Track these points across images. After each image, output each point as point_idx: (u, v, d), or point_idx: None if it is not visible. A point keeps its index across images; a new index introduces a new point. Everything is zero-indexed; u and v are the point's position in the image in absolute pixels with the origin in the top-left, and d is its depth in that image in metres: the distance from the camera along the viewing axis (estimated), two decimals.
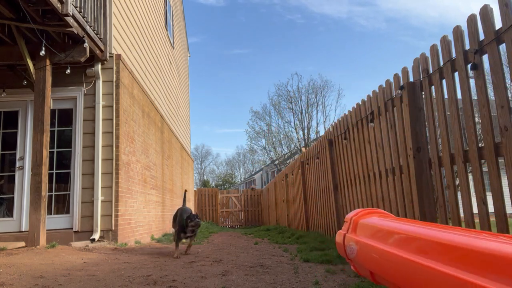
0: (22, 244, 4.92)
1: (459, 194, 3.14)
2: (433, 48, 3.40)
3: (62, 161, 6.06)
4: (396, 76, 4.02)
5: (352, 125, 5.34)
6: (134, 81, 7.22)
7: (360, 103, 5.04)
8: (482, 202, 2.79)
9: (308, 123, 27.42)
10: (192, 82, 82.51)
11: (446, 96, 3.26)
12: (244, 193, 20.16)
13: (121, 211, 6.02)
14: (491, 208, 2.72)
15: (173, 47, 13.27)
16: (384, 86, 4.31)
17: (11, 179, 5.93)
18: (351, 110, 5.39)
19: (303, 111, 27.54)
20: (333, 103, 60.17)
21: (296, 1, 74.04)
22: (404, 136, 3.80)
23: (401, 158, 3.91)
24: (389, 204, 4.24)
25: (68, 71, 5.74)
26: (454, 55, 3.10)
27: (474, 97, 3.01)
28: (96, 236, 5.58)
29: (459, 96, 3.12)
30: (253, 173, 51.67)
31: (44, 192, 5.06)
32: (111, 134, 6.03)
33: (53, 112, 6.01)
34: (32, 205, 4.96)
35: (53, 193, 5.90)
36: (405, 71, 3.86)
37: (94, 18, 5.75)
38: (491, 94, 2.82)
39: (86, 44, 5.39)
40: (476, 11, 2.86)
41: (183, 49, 16.64)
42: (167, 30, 12.09)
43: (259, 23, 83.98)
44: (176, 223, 5.09)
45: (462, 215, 3.06)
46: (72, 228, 5.70)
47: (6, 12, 4.70)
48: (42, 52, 5.06)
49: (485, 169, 2.82)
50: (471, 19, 2.87)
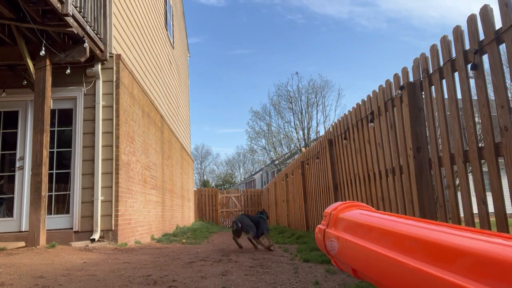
0: (22, 244, 4.93)
1: (459, 194, 3.14)
2: (433, 48, 3.40)
3: (62, 161, 6.06)
4: (396, 76, 4.02)
5: (352, 125, 5.34)
6: (134, 81, 7.22)
7: (360, 103, 5.04)
8: (482, 202, 2.79)
9: (308, 123, 27.43)
10: (193, 82, 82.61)
11: (446, 96, 3.26)
12: (244, 193, 20.16)
13: (121, 211, 6.02)
14: (491, 208, 2.72)
15: (173, 47, 13.27)
16: (384, 86, 4.31)
17: (11, 179, 5.93)
18: (351, 110, 5.39)
19: (303, 111, 27.55)
20: (333, 103, 60.23)
21: (297, 1, 74.11)
22: (404, 136, 3.80)
23: (401, 158, 3.91)
24: (389, 204, 4.24)
25: (68, 71, 5.74)
26: (454, 55, 3.10)
27: (474, 97, 3.01)
28: (96, 236, 5.58)
29: (459, 96, 3.12)
30: (253, 173, 51.68)
31: (44, 192, 5.06)
32: (111, 134, 6.03)
33: (53, 112, 6.01)
34: (32, 205, 4.96)
35: (53, 193, 5.91)
36: (405, 71, 3.86)
37: (94, 18, 5.75)
38: (491, 94, 2.82)
39: (86, 44, 5.39)
40: (477, 12, 2.86)
41: (183, 49, 16.64)
42: (167, 30, 12.09)
43: (260, 23, 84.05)
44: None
45: (462, 215, 3.06)
46: (72, 228, 5.70)
47: (6, 12, 4.70)
48: (42, 52, 5.06)
49: (485, 169, 2.82)
50: (471, 19, 2.87)
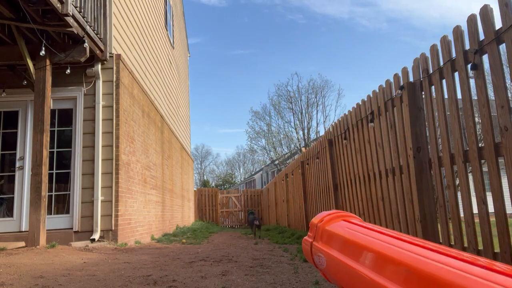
0: (22, 244, 4.92)
1: (459, 194, 3.14)
2: (433, 48, 3.40)
3: (62, 161, 6.06)
4: (396, 76, 4.02)
5: (352, 125, 5.34)
6: (134, 81, 7.22)
7: (360, 103, 5.04)
8: (482, 202, 2.79)
9: (308, 123, 27.44)
10: (194, 83, 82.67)
11: (446, 96, 3.26)
12: (244, 193, 20.16)
13: (121, 211, 6.02)
14: (491, 208, 2.72)
15: (173, 47, 13.27)
16: (384, 86, 4.31)
17: (11, 179, 5.93)
18: (351, 110, 5.39)
19: (303, 111, 27.56)
20: (333, 103, 60.26)
21: (298, 2, 74.09)
22: (404, 136, 3.80)
23: (401, 158, 3.91)
24: (389, 204, 4.24)
25: (68, 71, 5.74)
26: (454, 55, 3.10)
27: (474, 97, 3.01)
28: (96, 236, 5.58)
29: (459, 96, 3.12)
30: (253, 173, 51.67)
31: (44, 192, 5.06)
32: (111, 134, 6.03)
33: (53, 112, 6.01)
34: (32, 205, 4.96)
35: (53, 193, 5.90)
36: (405, 71, 3.86)
37: (94, 18, 5.75)
38: (491, 94, 2.82)
39: (86, 44, 5.39)
40: (477, 12, 2.86)
41: (183, 49, 16.64)
42: (167, 30, 12.09)
43: (261, 24, 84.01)
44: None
45: (462, 215, 3.06)
46: (72, 228, 5.70)
47: (6, 12, 4.70)
48: (42, 52, 5.06)
49: (485, 169, 2.82)
50: (471, 19, 2.87)
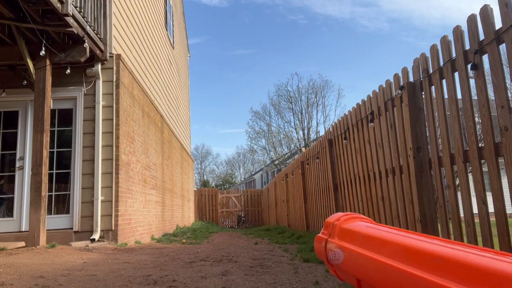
0: (22, 244, 4.92)
1: (459, 194, 3.14)
2: (433, 48, 3.40)
3: (62, 161, 6.06)
4: (396, 76, 4.02)
5: (352, 125, 5.34)
6: (134, 81, 7.22)
7: (360, 103, 5.04)
8: (482, 202, 2.79)
9: (308, 123, 27.41)
10: (196, 83, 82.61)
11: (446, 96, 3.26)
12: (244, 193, 20.15)
13: (121, 211, 6.02)
14: (491, 208, 2.72)
15: (173, 47, 13.27)
16: (384, 86, 4.31)
17: (11, 179, 5.93)
18: (351, 110, 5.39)
19: (303, 111, 27.53)
20: (333, 103, 60.32)
21: (299, 2, 74.08)
22: (404, 136, 3.80)
23: (401, 158, 3.91)
24: (389, 204, 4.24)
25: (68, 71, 5.74)
26: (454, 55, 3.10)
27: (474, 97, 3.01)
28: (96, 236, 5.58)
29: (459, 96, 3.12)
30: (253, 173, 51.66)
31: (44, 192, 5.06)
32: (111, 134, 6.03)
33: (53, 112, 6.01)
34: (32, 205, 4.96)
35: (53, 193, 5.90)
36: (405, 71, 3.85)
37: (94, 18, 5.75)
38: (491, 94, 2.82)
39: (86, 44, 5.39)
40: (477, 12, 2.86)
41: (183, 49, 16.64)
42: (167, 30, 12.09)
43: (262, 24, 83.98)
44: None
45: (462, 215, 3.06)
46: (72, 228, 5.70)
47: (6, 12, 4.70)
48: (42, 52, 5.06)
49: (485, 169, 2.82)
50: (471, 19, 2.87)
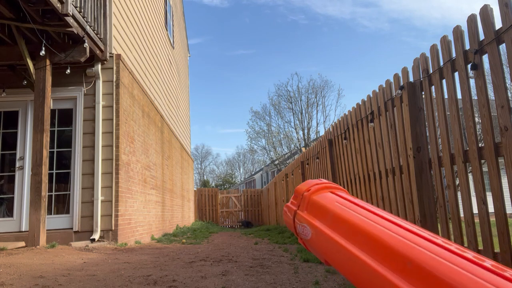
0: (22, 244, 4.92)
1: (459, 194, 3.14)
2: (433, 48, 3.40)
3: (62, 161, 6.06)
4: (396, 76, 4.02)
5: (352, 125, 5.34)
6: (134, 81, 7.22)
7: (360, 103, 5.04)
8: (482, 202, 2.79)
9: (308, 123, 27.41)
10: (196, 83, 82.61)
11: (446, 96, 3.26)
12: (244, 193, 20.15)
13: (121, 211, 6.02)
14: (491, 208, 2.72)
15: (173, 47, 13.27)
16: (384, 86, 4.31)
17: (11, 179, 5.93)
18: (351, 110, 5.39)
19: (303, 111, 27.53)
20: (333, 103, 60.37)
21: (300, 2, 74.05)
22: (404, 136, 3.80)
23: (401, 158, 3.90)
24: (389, 204, 4.24)
25: (68, 71, 5.74)
26: (454, 55, 3.10)
27: (474, 97, 3.01)
28: (96, 236, 5.58)
29: (459, 96, 3.12)
30: (253, 173, 51.66)
31: (44, 192, 5.06)
32: (111, 134, 6.03)
33: (53, 112, 6.01)
34: (32, 205, 4.96)
35: (53, 193, 5.90)
36: (405, 71, 3.85)
37: (94, 18, 5.75)
38: (491, 94, 2.82)
39: (86, 44, 5.39)
40: (478, 12, 2.86)
41: (183, 49, 16.64)
42: (167, 30, 12.09)
43: (263, 24, 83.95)
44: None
45: (462, 215, 3.06)
46: (72, 228, 5.70)
47: (6, 12, 4.70)
48: (42, 52, 5.06)
49: (485, 169, 2.82)
50: (471, 19, 2.87)
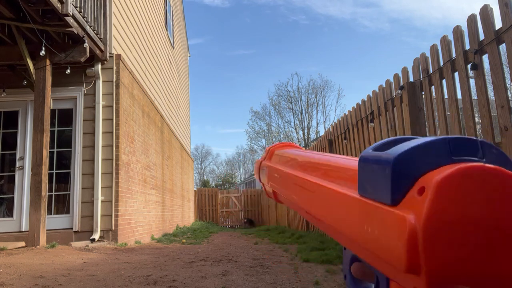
0: (22, 244, 4.92)
1: None
2: (433, 48, 3.40)
3: (62, 161, 6.06)
4: (396, 76, 4.02)
5: (352, 125, 5.34)
6: (134, 81, 7.22)
7: (360, 103, 5.04)
8: None
9: (308, 123, 27.43)
10: (196, 83, 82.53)
11: (446, 96, 3.26)
12: (244, 193, 20.15)
13: (121, 211, 6.02)
14: None
15: (173, 47, 13.26)
16: (384, 86, 4.31)
17: (11, 179, 5.93)
18: (351, 110, 5.39)
19: (303, 111, 27.54)
20: (333, 103, 60.21)
21: (301, 3, 73.93)
22: None
23: None
24: None
25: (68, 71, 5.74)
26: (454, 55, 3.10)
27: (474, 97, 3.01)
28: (96, 236, 5.58)
29: (459, 96, 3.12)
30: (253, 173, 51.65)
31: (44, 192, 5.06)
32: (111, 134, 6.03)
33: (53, 112, 6.01)
34: (32, 205, 4.96)
35: (53, 193, 5.90)
36: (405, 71, 3.85)
37: (94, 18, 5.75)
38: (491, 94, 2.82)
39: (86, 44, 5.39)
40: (478, 12, 2.86)
41: (183, 49, 16.64)
42: (167, 30, 12.09)
43: (263, 24, 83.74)
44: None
45: None
46: (72, 228, 5.70)
47: (6, 12, 4.70)
48: (42, 52, 5.06)
49: None
50: (471, 19, 2.87)
